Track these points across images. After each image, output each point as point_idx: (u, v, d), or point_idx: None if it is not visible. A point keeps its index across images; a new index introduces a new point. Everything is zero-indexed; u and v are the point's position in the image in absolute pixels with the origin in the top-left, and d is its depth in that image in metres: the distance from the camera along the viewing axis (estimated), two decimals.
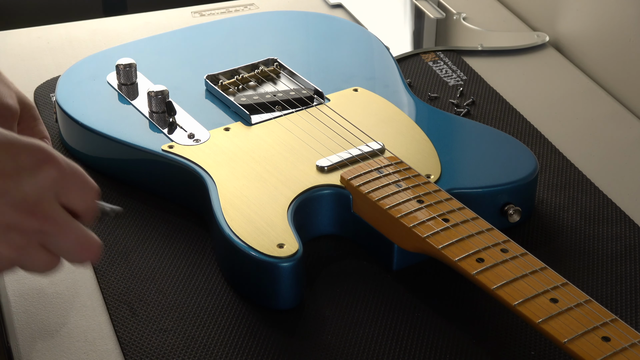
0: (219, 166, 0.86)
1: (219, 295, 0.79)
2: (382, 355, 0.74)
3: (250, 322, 0.77)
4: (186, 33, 1.10)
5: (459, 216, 0.78)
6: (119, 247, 0.84)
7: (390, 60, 1.04)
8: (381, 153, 0.87)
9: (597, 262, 0.83)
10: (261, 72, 1.00)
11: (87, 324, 0.78)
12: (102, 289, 0.80)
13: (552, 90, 1.09)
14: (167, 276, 0.81)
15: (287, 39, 1.08)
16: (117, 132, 0.91)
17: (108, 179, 0.92)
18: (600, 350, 0.65)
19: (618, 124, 1.03)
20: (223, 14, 1.24)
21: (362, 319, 0.77)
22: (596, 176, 0.94)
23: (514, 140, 0.91)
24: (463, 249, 0.74)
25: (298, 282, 0.77)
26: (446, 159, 0.87)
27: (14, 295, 0.80)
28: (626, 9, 1.07)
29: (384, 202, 0.80)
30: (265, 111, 0.94)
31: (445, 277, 0.81)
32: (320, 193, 0.83)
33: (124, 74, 0.97)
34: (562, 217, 0.88)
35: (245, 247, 0.77)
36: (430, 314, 0.78)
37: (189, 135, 0.90)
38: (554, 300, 0.69)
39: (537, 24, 1.22)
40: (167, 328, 0.76)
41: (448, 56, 1.14)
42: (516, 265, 0.73)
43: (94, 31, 1.19)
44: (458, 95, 1.06)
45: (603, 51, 1.12)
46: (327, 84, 0.98)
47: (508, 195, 0.85)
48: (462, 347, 0.75)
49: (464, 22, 1.21)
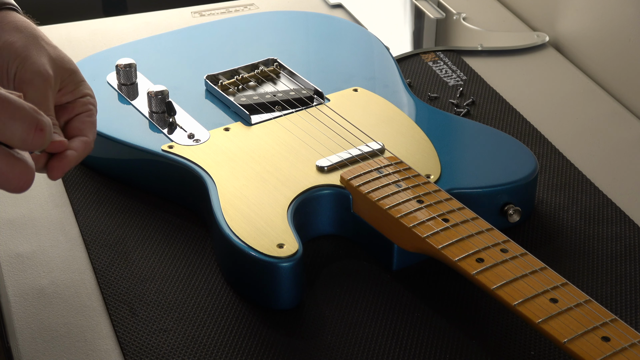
0: (219, 166, 0.86)
1: (219, 295, 0.79)
2: (382, 355, 0.74)
3: (250, 322, 0.77)
4: (186, 33, 1.10)
5: (459, 216, 0.78)
6: (119, 247, 0.84)
7: (390, 60, 1.04)
8: (381, 153, 0.87)
9: (597, 262, 0.83)
10: (261, 72, 1.00)
11: (87, 324, 0.78)
12: (102, 289, 0.80)
13: (552, 90, 1.09)
14: (167, 276, 0.81)
15: (287, 39, 1.08)
16: (117, 132, 0.91)
17: (108, 179, 0.92)
18: (600, 350, 0.65)
19: (618, 124, 1.03)
20: (223, 14, 1.24)
21: (362, 319, 0.77)
22: (596, 176, 0.94)
23: (514, 140, 0.91)
24: (463, 249, 0.74)
25: (298, 282, 0.77)
26: (446, 159, 0.87)
27: (14, 295, 0.80)
28: (626, 9, 1.07)
29: (383, 202, 0.80)
30: (265, 111, 0.94)
31: (445, 277, 0.81)
32: (320, 193, 0.83)
33: (124, 74, 0.97)
34: (562, 217, 0.88)
35: (245, 247, 0.77)
36: (430, 314, 0.78)
37: (189, 135, 0.90)
38: (554, 300, 0.69)
39: (537, 24, 1.22)
40: (167, 328, 0.76)
41: (448, 56, 1.14)
42: (516, 265, 0.73)
43: (94, 31, 1.19)
44: (458, 95, 1.06)
45: (603, 51, 1.12)
46: (327, 84, 0.98)
47: (508, 195, 0.85)
48: (462, 347, 0.75)
49: (464, 22, 1.21)
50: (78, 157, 0.72)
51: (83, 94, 0.77)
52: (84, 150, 0.73)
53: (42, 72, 0.74)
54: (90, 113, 0.77)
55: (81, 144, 0.73)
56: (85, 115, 0.76)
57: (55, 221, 0.88)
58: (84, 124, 0.75)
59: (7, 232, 0.87)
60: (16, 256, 0.84)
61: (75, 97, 0.77)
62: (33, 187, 0.91)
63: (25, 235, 0.86)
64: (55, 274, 0.82)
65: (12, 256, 0.84)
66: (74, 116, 0.76)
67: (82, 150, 0.73)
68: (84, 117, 0.76)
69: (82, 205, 0.89)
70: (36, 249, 0.85)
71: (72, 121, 0.75)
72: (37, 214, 0.89)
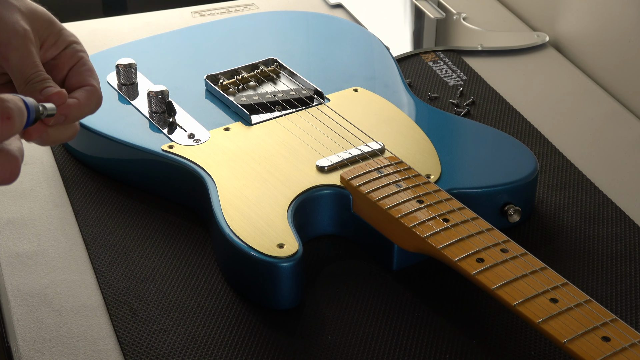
0: (219, 166, 0.86)
1: (219, 295, 0.79)
2: (382, 355, 0.74)
3: (250, 322, 0.77)
4: (186, 33, 1.10)
5: (459, 216, 0.78)
6: (119, 247, 0.84)
7: (390, 60, 1.04)
8: (381, 153, 0.87)
9: (597, 262, 0.83)
10: (261, 72, 1.00)
11: (87, 324, 0.78)
12: (102, 289, 0.80)
13: (552, 90, 1.09)
14: (167, 276, 0.81)
15: (287, 39, 1.08)
16: (117, 132, 0.91)
17: (108, 179, 0.92)
18: (600, 350, 0.65)
19: (618, 124, 1.03)
20: (223, 14, 1.24)
21: (362, 319, 0.77)
22: (596, 176, 0.94)
23: (514, 140, 0.91)
24: (463, 249, 0.74)
25: (298, 282, 0.77)
26: (446, 159, 0.87)
27: (14, 295, 0.80)
28: (626, 9, 1.07)
29: (384, 202, 0.80)
30: (265, 111, 0.94)
31: (445, 277, 0.81)
32: (320, 193, 0.83)
33: (124, 74, 0.97)
34: (562, 217, 0.88)
35: (245, 247, 0.77)
36: (430, 314, 0.78)
37: (189, 135, 0.90)
38: (554, 300, 0.69)
39: (537, 24, 1.22)
40: (167, 328, 0.76)
41: (448, 56, 1.14)
42: (516, 265, 0.73)
43: (94, 31, 1.19)
44: (458, 95, 1.06)
45: (603, 51, 1.12)
46: (327, 84, 0.98)
47: (508, 195, 0.85)
48: (462, 347, 0.75)
49: (464, 22, 1.21)
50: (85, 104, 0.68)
51: (67, 44, 0.72)
52: (90, 98, 0.69)
53: (18, 30, 0.69)
54: (83, 61, 0.71)
55: (84, 92, 0.69)
56: (79, 65, 0.71)
57: (55, 221, 0.88)
58: (81, 75, 0.71)
59: (7, 232, 0.87)
60: (16, 256, 0.84)
61: (60, 49, 0.72)
62: (33, 187, 0.92)
63: (25, 235, 0.86)
64: (55, 274, 0.82)
65: (12, 256, 0.84)
66: (67, 72, 0.71)
67: (87, 98, 0.69)
68: (78, 68, 0.71)
69: (82, 205, 0.89)
70: (36, 249, 0.85)
71: (68, 77, 0.71)
72: (37, 214, 0.89)
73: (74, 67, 0.71)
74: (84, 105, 0.68)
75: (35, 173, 0.94)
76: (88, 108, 0.69)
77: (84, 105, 0.68)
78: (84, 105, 0.68)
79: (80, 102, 0.68)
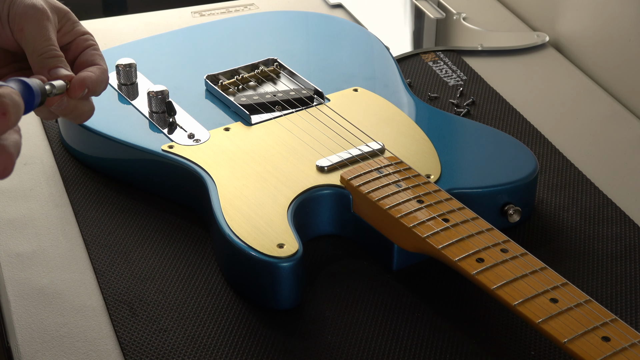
0: (219, 166, 0.86)
1: (219, 295, 0.79)
2: (382, 355, 0.74)
3: (250, 322, 0.77)
4: (186, 33, 1.10)
5: (459, 216, 0.78)
6: (119, 247, 0.84)
7: (390, 60, 1.04)
8: (381, 153, 0.87)
9: (597, 262, 0.83)
10: (261, 72, 1.00)
11: (87, 324, 0.78)
12: (102, 289, 0.80)
13: (552, 90, 1.09)
14: (167, 276, 0.81)
15: (287, 39, 1.08)
16: (117, 132, 0.91)
17: (108, 179, 0.92)
18: (600, 350, 0.65)
19: (618, 124, 1.03)
20: (223, 14, 1.24)
21: (362, 319, 0.77)
22: (596, 176, 0.94)
23: (514, 140, 0.91)
24: (463, 249, 0.74)
25: (298, 282, 0.77)
26: (446, 159, 0.87)
27: (14, 295, 0.80)
28: (626, 9, 1.07)
29: (384, 202, 0.80)
30: (265, 111, 0.94)
31: (445, 277, 0.81)
32: (320, 193, 0.83)
33: (124, 74, 0.97)
34: (562, 217, 0.88)
35: (245, 247, 0.77)
36: (430, 314, 0.78)
37: (189, 135, 0.90)
38: (554, 300, 0.69)
39: (537, 24, 1.22)
40: (167, 328, 0.76)
41: (448, 56, 1.14)
42: (516, 265, 0.73)
43: (94, 31, 1.17)
44: (458, 95, 1.06)
45: (603, 51, 1.12)
46: (327, 84, 0.98)
47: (508, 195, 0.85)
48: (462, 347, 0.75)
49: (464, 22, 1.21)
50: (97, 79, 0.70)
51: (82, 32, 0.76)
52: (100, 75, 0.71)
53: (35, 4, 0.71)
54: (95, 47, 0.75)
55: (97, 69, 0.71)
56: (91, 49, 0.75)
57: (55, 221, 0.88)
58: (92, 56, 0.74)
59: (7, 232, 0.87)
60: (16, 256, 0.84)
61: (76, 35, 0.75)
62: (33, 187, 0.92)
63: (25, 235, 0.86)
64: (55, 274, 0.82)
65: (12, 256, 0.84)
66: (79, 53, 0.74)
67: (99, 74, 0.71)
68: (90, 50, 0.75)
69: (82, 205, 0.89)
70: (36, 249, 0.85)
71: (80, 57, 0.74)
72: (37, 214, 0.89)
73: (86, 50, 0.74)
74: (97, 79, 0.70)
75: (35, 173, 0.94)
76: (103, 85, 0.71)
77: (97, 79, 0.70)
78: (97, 79, 0.70)
79: (97, 76, 0.70)
